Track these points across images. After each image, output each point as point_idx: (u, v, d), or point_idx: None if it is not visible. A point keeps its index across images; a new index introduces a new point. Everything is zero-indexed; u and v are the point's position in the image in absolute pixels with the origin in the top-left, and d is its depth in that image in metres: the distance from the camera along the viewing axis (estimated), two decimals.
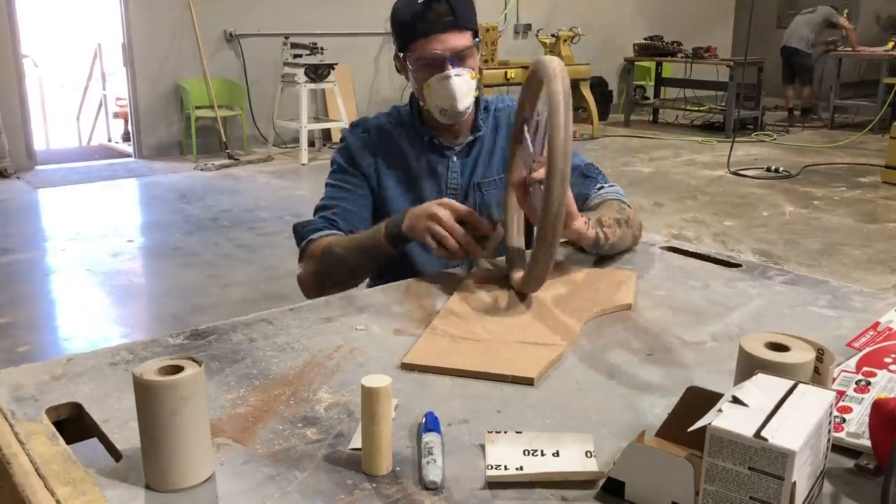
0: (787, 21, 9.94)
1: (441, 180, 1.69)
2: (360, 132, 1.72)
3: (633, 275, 1.43)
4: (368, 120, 1.75)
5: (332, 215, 1.64)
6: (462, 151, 1.71)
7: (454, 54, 1.57)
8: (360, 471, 0.82)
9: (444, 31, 1.56)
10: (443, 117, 1.63)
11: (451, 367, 1.06)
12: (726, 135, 8.35)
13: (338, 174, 1.71)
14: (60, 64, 9.40)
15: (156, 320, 3.71)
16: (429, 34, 1.56)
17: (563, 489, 0.79)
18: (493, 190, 1.70)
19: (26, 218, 5.54)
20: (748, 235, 4.96)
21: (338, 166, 1.71)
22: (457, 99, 1.58)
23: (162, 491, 0.79)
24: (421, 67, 1.59)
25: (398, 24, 1.61)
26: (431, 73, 1.58)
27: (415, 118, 1.71)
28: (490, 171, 1.71)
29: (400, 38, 1.62)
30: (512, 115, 1.70)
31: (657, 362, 1.09)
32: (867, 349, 1.03)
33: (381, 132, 1.71)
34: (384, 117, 1.74)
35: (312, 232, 1.62)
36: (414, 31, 1.57)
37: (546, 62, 1.21)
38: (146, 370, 0.79)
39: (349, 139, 1.72)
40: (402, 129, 1.71)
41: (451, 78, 1.57)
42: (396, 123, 1.72)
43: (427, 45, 1.56)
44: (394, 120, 1.73)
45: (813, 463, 0.71)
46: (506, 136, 1.71)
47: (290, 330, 1.19)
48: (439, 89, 1.58)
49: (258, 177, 6.80)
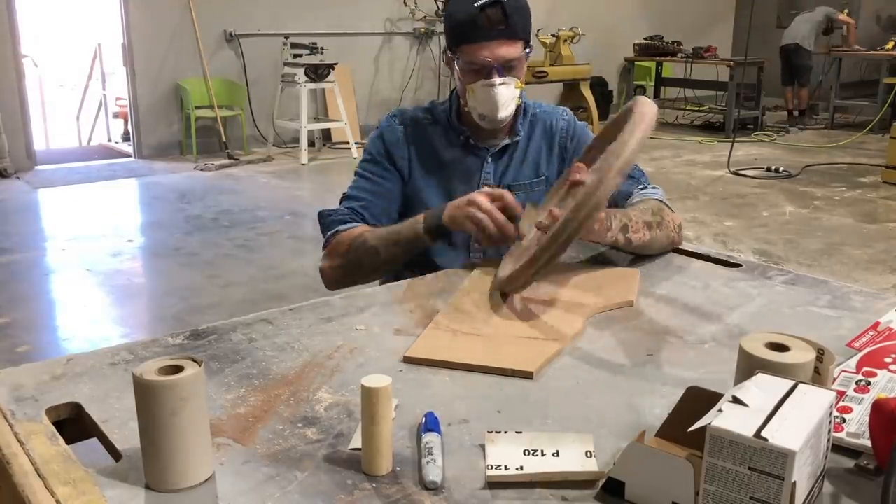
0: (787, 21, 9.93)
1: (473, 180, 1.68)
2: (397, 123, 1.71)
3: (636, 272, 1.43)
4: (407, 112, 1.74)
5: (361, 208, 1.64)
6: (496, 154, 1.70)
7: (502, 63, 1.55)
8: (360, 471, 0.82)
9: (496, 39, 1.54)
10: (482, 122, 1.63)
11: (452, 360, 1.07)
12: (726, 135, 8.35)
13: (370, 165, 1.69)
14: (60, 64, 9.41)
15: (156, 320, 3.71)
16: (480, 40, 1.54)
17: (563, 489, 0.79)
18: (523, 194, 1.67)
19: (26, 218, 5.54)
20: (748, 235, 4.96)
21: (370, 156, 1.70)
22: (498, 108, 1.58)
23: (162, 491, 0.79)
24: (467, 71, 1.58)
25: (451, 23, 1.59)
26: (477, 78, 1.57)
27: (453, 116, 1.70)
28: (521, 175, 1.70)
29: (451, 38, 1.60)
30: (550, 122, 1.74)
31: (657, 362, 1.09)
32: (867, 349, 1.03)
33: (417, 126, 1.70)
34: (421, 112, 1.73)
35: (340, 223, 1.61)
36: (465, 34, 1.55)
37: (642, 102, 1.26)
38: (146, 370, 0.79)
39: (386, 130, 1.71)
40: (437, 126, 1.71)
41: (495, 86, 1.56)
42: (433, 121, 1.71)
43: (476, 51, 1.55)
44: (431, 117, 1.72)
45: (813, 463, 0.71)
46: (540, 141, 1.72)
47: (290, 330, 1.19)
48: (482, 96, 1.58)
49: (258, 177, 6.80)
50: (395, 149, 1.68)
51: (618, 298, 1.31)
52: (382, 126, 1.72)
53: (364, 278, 1.57)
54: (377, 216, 1.64)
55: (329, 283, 1.62)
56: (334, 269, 1.60)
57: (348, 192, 1.69)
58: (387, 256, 1.53)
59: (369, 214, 1.63)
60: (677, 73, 10.14)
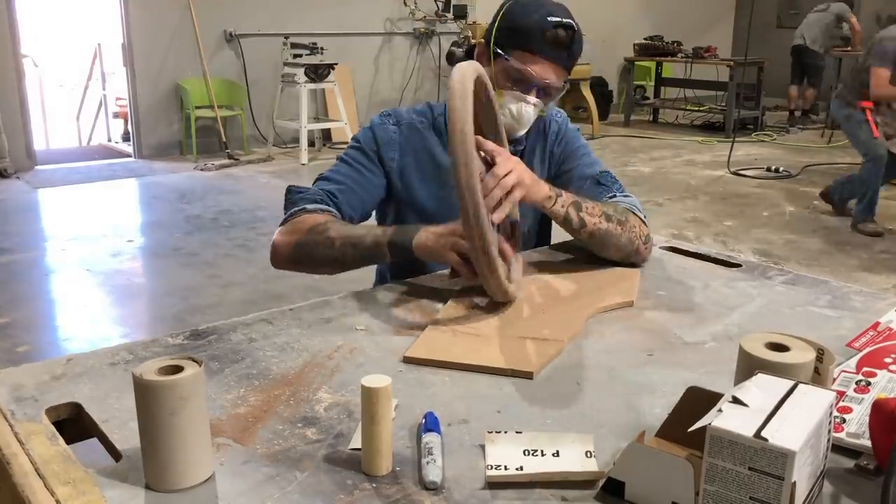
0: (787, 21, 9.94)
1: None
2: (391, 124, 1.62)
3: (636, 272, 1.43)
4: (401, 114, 1.65)
5: (337, 191, 1.53)
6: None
7: (545, 86, 1.51)
8: (360, 471, 0.82)
9: (553, 61, 1.50)
10: None
11: (452, 360, 1.07)
12: (726, 135, 8.34)
13: (355, 152, 1.60)
14: (60, 64, 9.40)
15: (156, 320, 3.71)
16: (537, 54, 1.49)
17: (563, 489, 0.79)
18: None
19: (26, 218, 5.54)
20: (748, 235, 4.96)
21: (359, 145, 1.61)
22: (520, 126, 1.54)
23: (162, 491, 0.79)
24: (507, 76, 1.52)
25: (515, 23, 1.51)
26: (513, 87, 1.51)
27: None
28: None
29: (508, 37, 1.51)
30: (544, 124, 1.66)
31: (657, 362, 1.09)
32: (867, 349, 1.03)
33: (412, 130, 1.62)
34: (415, 115, 1.64)
35: (308, 202, 1.49)
36: (527, 42, 1.49)
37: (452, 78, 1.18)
38: (146, 370, 0.79)
39: (378, 128, 1.62)
40: (433, 131, 1.63)
41: (527, 104, 1.52)
42: (429, 125, 1.63)
43: (529, 64, 1.49)
44: (426, 121, 1.64)
45: (813, 463, 0.71)
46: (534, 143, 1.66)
47: (290, 330, 1.19)
48: (510, 107, 1.52)
49: (258, 177, 6.80)
50: (386, 148, 1.60)
51: (618, 298, 1.31)
52: (375, 123, 1.63)
53: (314, 268, 1.47)
54: (351, 204, 1.54)
55: (278, 260, 1.49)
56: (288, 246, 1.45)
57: (325, 174, 1.58)
58: (340, 255, 1.41)
59: (343, 199, 1.53)
60: (677, 73, 10.14)
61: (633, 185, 6.19)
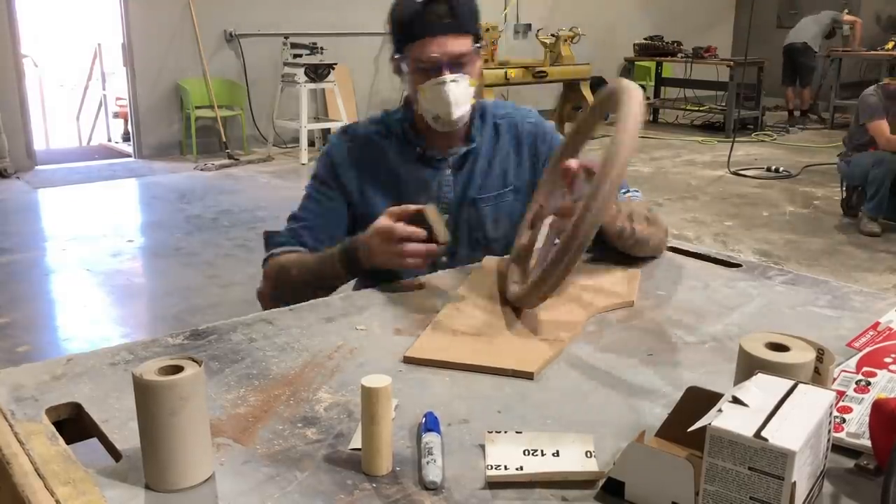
0: (787, 21, 9.94)
1: (432, 195, 1.59)
2: (346, 140, 1.64)
3: (636, 272, 1.43)
4: (358, 128, 1.67)
5: (301, 228, 1.58)
6: (456, 164, 1.62)
7: (451, 59, 1.49)
8: (360, 471, 0.82)
9: (443, 33, 1.47)
10: (436, 124, 1.55)
11: (452, 360, 1.07)
12: (726, 135, 8.35)
13: (315, 183, 1.63)
14: (60, 64, 9.40)
15: (156, 320, 3.71)
16: (425, 36, 1.48)
17: (563, 489, 0.79)
18: (489, 206, 1.62)
19: (26, 218, 5.54)
20: (748, 235, 4.96)
21: (317, 176, 1.64)
22: (451, 106, 1.50)
23: (162, 491, 0.79)
24: (416, 71, 1.51)
25: (395, 24, 1.53)
26: (426, 77, 1.50)
27: (407, 125, 1.62)
28: (488, 186, 1.62)
29: (396, 39, 1.54)
30: (515, 125, 1.66)
31: (657, 362, 1.09)
32: (867, 349, 1.03)
33: (368, 143, 1.63)
34: (373, 126, 1.65)
35: (276, 246, 1.57)
36: (410, 32, 1.49)
37: (628, 93, 1.14)
38: (146, 370, 0.79)
39: (333, 148, 1.64)
40: (390, 139, 1.63)
41: (446, 83, 1.48)
42: (385, 134, 1.63)
43: (423, 48, 1.48)
44: (383, 129, 1.64)
45: (813, 463, 0.71)
46: (507, 147, 1.64)
47: (290, 330, 1.19)
48: (433, 95, 1.50)
49: (258, 177, 6.80)
50: (341, 169, 1.61)
51: (618, 298, 1.31)
52: (332, 143, 1.65)
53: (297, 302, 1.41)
54: (319, 238, 1.56)
55: (266, 307, 1.50)
56: (266, 297, 1.54)
57: (294, 211, 1.63)
58: (307, 286, 1.44)
59: (309, 235, 1.57)
60: (677, 73, 10.14)
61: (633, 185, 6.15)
